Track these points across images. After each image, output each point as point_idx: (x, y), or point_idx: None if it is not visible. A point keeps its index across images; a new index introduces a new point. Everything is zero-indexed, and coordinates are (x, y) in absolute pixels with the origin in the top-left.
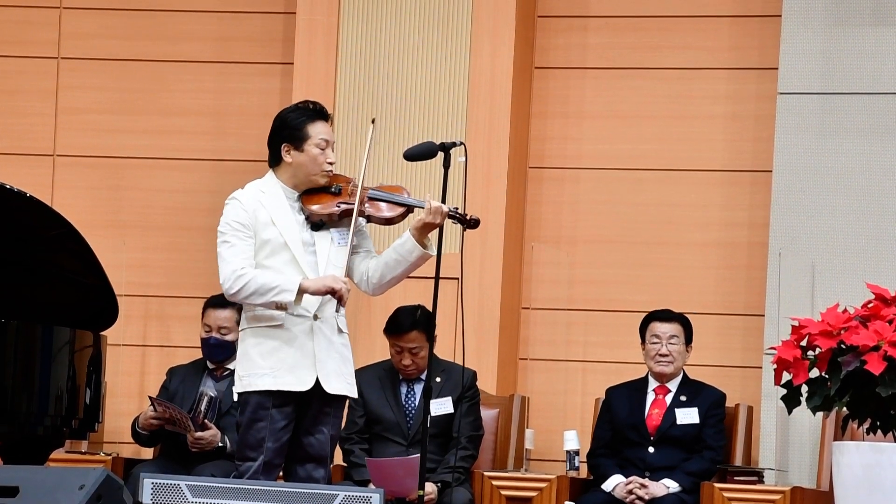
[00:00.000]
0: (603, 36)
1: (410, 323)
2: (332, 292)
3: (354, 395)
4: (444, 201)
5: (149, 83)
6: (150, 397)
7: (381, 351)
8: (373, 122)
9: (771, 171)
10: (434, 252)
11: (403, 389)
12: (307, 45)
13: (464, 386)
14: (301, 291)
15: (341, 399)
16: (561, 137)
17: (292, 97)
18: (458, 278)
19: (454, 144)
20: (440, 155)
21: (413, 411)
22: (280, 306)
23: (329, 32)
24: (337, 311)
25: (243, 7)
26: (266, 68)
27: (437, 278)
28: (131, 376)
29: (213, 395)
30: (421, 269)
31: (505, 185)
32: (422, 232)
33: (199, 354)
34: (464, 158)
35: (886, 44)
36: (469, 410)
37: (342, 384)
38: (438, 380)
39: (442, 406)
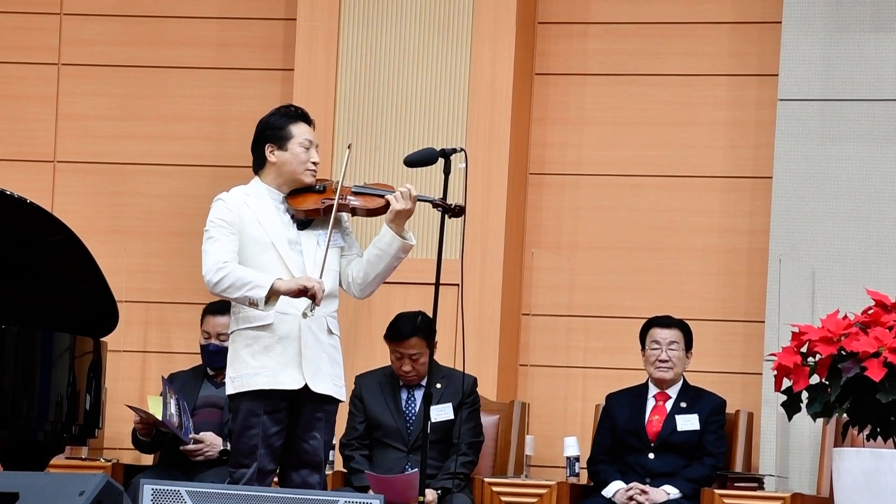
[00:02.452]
0: (603, 42)
1: (410, 329)
2: (305, 291)
3: (343, 397)
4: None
5: (149, 89)
6: (127, 405)
7: (381, 357)
8: (349, 147)
9: (771, 178)
10: (413, 242)
11: (404, 395)
12: (308, 51)
13: (464, 392)
14: (274, 291)
15: (332, 403)
16: (561, 143)
17: (293, 103)
18: (458, 284)
19: (454, 150)
20: (440, 161)
21: (413, 417)
22: (252, 303)
23: (329, 38)
24: (311, 310)
25: (244, 13)
26: (267, 74)
27: (437, 284)
28: (132, 382)
29: (175, 397)
30: (421, 275)
31: (505, 191)
32: (396, 222)
33: (199, 360)
34: (464, 164)
35: (886, 50)
36: (469, 416)
37: (329, 385)
38: (439, 386)
39: (442, 412)
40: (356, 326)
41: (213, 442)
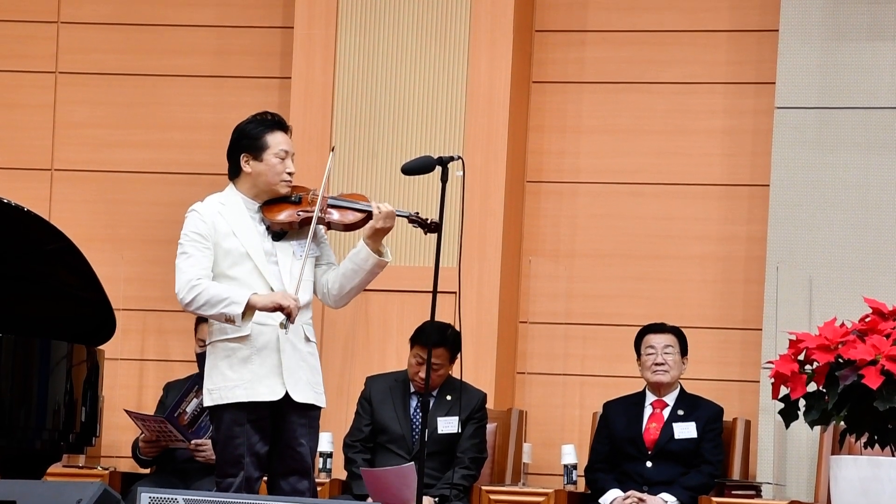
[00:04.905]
0: (600, 50)
1: (440, 338)
2: (281, 309)
3: (323, 404)
4: (441, 216)
5: (147, 97)
6: (126, 410)
7: (379, 364)
8: (332, 150)
9: (768, 186)
10: (389, 259)
11: (413, 403)
12: (305, 60)
13: (473, 407)
14: (250, 306)
15: (314, 409)
16: (558, 151)
17: (290, 111)
18: (455, 292)
19: (452, 158)
20: (438, 169)
21: (420, 425)
22: (228, 319)
23: (327, 46)
24: (285, 327)
25: (241, 21)
26: (264, 82)
27: (434, 292)
28: (129, 390)
29: (197, 399)
30: (419, 283)
31: (503, 199)
32: (374, 238)
33: (196, 368)
34: (461, 172)
35: (883, 58)
36: (476, 432)
37: (310, 393)
38: (449, 398)
39: (449, 424)
40: (354, 334)
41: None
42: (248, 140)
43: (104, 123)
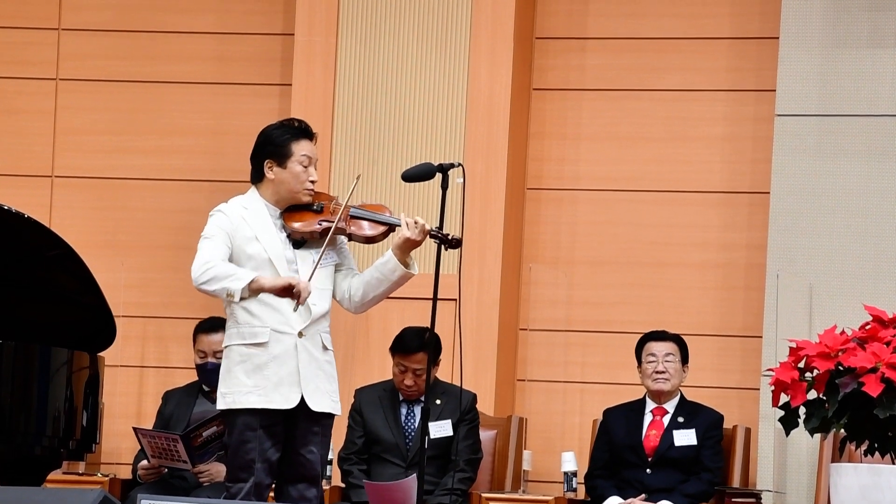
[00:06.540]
0: (601, 57)
1: (418, 344)
2: (290, 288)
3: (339, 412)
4: (441, 223)
5: (147, 104)
6: (135, 428)
7: (379, 372)
8: (357, 178)
9: (768, 193)
10: (416, 272)
11: (403, 410)
12: (305, 67)
13: (463, 408)
14: (256, 287)
15: (328, 417)
16: (559, 158)
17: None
18: (456, 299)
19: (452, 165)
20: (438, 176)
21: (412, 433)
22: (229, 294)
23: (327, 53)
24: (295, 309)
25: (242, 28)
26: (264, 89)
27: (434, 299)
28: (129, 397)
29: (216, 428)
30: (419, 290)
31: (503, 206)
32: (404, 250)
33: (196, 377)
34: (462, 179)
35: (883, 66)
36: (468, 433)
37: (327, 401)
38: (438, 402)
39: (441, 428)
40: (354, 341)
41: (219, 470)
42: (272, 147)
43: (105, 130)
